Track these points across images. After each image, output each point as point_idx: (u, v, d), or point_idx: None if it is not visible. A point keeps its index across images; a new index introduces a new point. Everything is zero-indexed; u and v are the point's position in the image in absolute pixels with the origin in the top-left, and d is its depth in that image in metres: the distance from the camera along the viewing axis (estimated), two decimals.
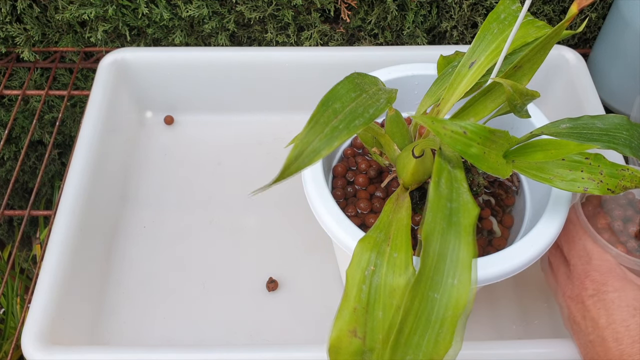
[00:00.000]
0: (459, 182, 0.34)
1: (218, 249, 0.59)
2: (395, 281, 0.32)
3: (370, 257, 0.33)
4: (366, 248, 0.33)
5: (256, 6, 0.70)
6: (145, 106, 0.70)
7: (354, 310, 0.31)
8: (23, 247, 0.93)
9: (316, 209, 0.42)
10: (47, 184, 0.89)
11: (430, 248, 0.31)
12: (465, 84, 0.41)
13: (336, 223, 0.41)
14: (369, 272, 0.32)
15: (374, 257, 0.33)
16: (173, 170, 0.66)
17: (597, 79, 0.68)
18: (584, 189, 0.36)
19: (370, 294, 0.32)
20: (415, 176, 0.40)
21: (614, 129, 0.37)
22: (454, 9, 0.71)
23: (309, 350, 0.46)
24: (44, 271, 0.50)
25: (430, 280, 0.30)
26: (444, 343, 0.29)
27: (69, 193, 0.55)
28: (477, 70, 0.41)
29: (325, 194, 0.42)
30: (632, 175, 0.37)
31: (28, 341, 0.46)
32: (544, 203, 0.44)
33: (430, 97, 0.44)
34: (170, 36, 0.73)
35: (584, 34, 0.75)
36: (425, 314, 0.29)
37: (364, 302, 0.32)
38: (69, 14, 0.69)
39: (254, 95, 0.70)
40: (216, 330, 0.54)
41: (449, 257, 0.31)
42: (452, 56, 0.49)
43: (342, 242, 0.40)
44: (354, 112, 0.30)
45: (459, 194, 0.33)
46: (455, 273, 0.30)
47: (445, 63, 0.48)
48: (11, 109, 0.79)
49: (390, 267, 0.33)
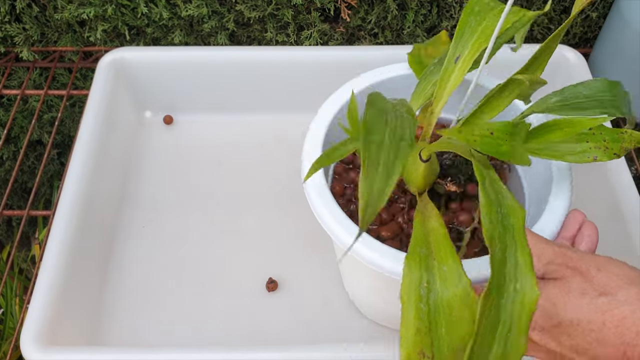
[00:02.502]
0: (497, 183, 0.35)
1: (218, 249, 0.59)
2: (452, 294, 0.32)
3: (420, 275, 0.33)
4: (414, 267, 0.33)
5: (256, 5, 0.70)
6: (144, 106, 0.70)
7: (417, 332, 0.31)
8: (22, 247, 0.93)
9: (319, 214, 0.42)
10: (46, 184, 0.89)
11: (495, 255, 0.30)
12: (455, 79, 0.41)
13: (338, 223, 0.41)
14: (424, 291, 0.32)
15: (425, 274, 0.33)
16: (172, 170, 0.66)
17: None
18: (594, 157, 0.37)
19: (430, 313, 0.32)
20: (426, 179, 0.40)
21: (599, 93, 0.39)
22: (454, 8, 0.71)
23: (309, 350, 0.46)
24: (43, 271, 0.50)
25: (500, 287, 0.30)
26: (519, 348, 0.29)
27: (68, 193, 0.55)
28: (464, 64, 0.41)
29: (330, 204, 0.42)
30: (631, 137, 0.38)
31: (27, 341, 0.46)
32: (542, 178, 0.44)
33: (419, 97, 0.44)
34: (169, 35, 0.73)
35: (585, 33, 0.75)
36: (499, 321, 0.29)
37: (426, 322, 0.32)
38: (68, 13, 0.69)
39: (254, 95, 0.69)
40: (216, 330, 0.54)
41: (509, 261, 0.30)
42: (415, 52, 0.49)
43: (344, 243, 0.40)
44: (393, 137, 0.30)
45: (503, 196, 0.34)
46: (518, 277, 0.30)
47: (416, 61, 0.48)
48: (10, 108, 0.79)
49: (443, 281, 0.33)
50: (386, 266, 0.39)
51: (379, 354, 0.46)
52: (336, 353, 0.47)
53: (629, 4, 0.64)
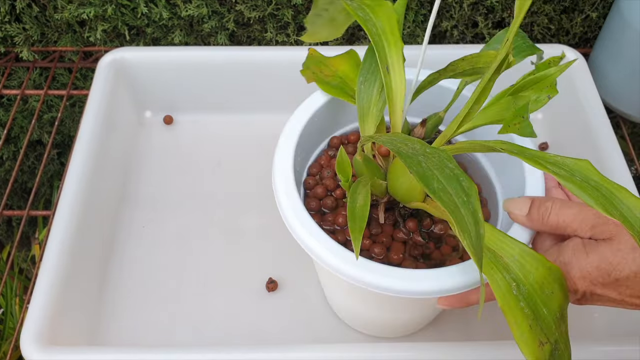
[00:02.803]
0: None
1: (218, 249, 0.59)
2: (539, 274, 0.34)
3: (503, 276, 0.34)
4: (495, 274, 0.34)
5: (256, 5, 0.70)
6: (144, 106, 0.70)
7: (529, 328, 0.32)
8: (22, 247, 0.93)
9: (295, 231, 0.41)
10: (46, 184, 0.89)
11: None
12: (400, 86, 0.42)
13: (318, 242, 0.40)
14: (515, 290, 0.33)
15: (505, 273, 0.34)
16: (172, 170, 0.66)
17: (597, 78, 0.68)
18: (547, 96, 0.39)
19: (529, 304, 0.33)
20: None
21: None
22: (454, 8, 0.71)
23: (309, 350, 0.46)
24: (43, 271, 0.50)
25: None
26: None
27: (68, 193, 0.55)
28: (398, 70, 0.42)
29: (303, 215, 0.41)
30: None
31: (27, 341, 0.46)
32: (516, 184, 0.44)
33: (371, 119, 0.44)
34: (169, 35, 0.73)
35: (585, 33, 0.75)
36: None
37: (530, 314, 0.33)
38: (68, 13, 0.69)
39: (254, 94, 0.69)
40: (216, 330, 0.54)
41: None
42: (310, 60, 0.48)
43: (326, 262, 0.39)
44: (447, 181, 0.31)
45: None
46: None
47: (310, 73, 0.48)
48: (10, 108, 0.79)
49: (521, 268, 0.34)
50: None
51: (380, 354, 0.46)
52: (336, 353, 0.47)
53: (629, 4, 0.64)
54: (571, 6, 0.72)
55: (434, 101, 0.47)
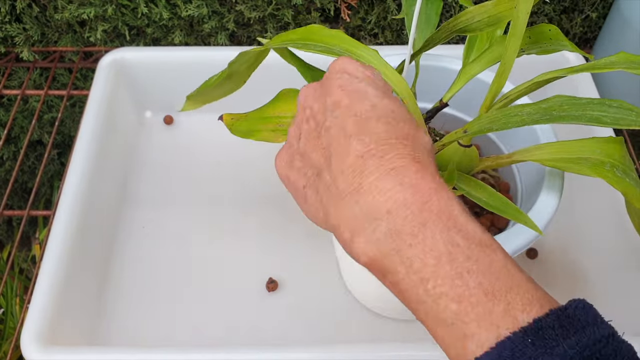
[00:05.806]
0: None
1: (218, 249, 0.59)
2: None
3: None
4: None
5: (256, 5, 0.70)
6: (144, 106, 0.70)
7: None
8: (22, 247, 0.93)
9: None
10: (47, 184, 0.89)
11: None
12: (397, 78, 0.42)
13: None
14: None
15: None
16: (172, 170, 0.66)
17: (597, 78, 0.68)
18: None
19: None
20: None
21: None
22: (454, 8, 0.71)
23: (309, 351, 0.46)
24: (43, 271, 0.50)
25: None
26: None
27: (68, 193, 0.55)
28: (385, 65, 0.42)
29: None
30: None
31: (27, 341, 0.46)
32: (534, 177, 0.45)
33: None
34: (169, 36, 0.73)
35: (585, 33, 0.75)
36: None
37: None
38: (68, 13, 0.69)
39: (254, 94, 0.69)
40: (216, 330, 0.54)
41: None
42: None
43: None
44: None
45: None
46: None
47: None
48: (10, 108, 0.79)
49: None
50: None
51: (380, 354, 0.46)
52: (336, 353, 0.47)
53: (629, 4, 0.64)
54: (571, 6, 0.72)
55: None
